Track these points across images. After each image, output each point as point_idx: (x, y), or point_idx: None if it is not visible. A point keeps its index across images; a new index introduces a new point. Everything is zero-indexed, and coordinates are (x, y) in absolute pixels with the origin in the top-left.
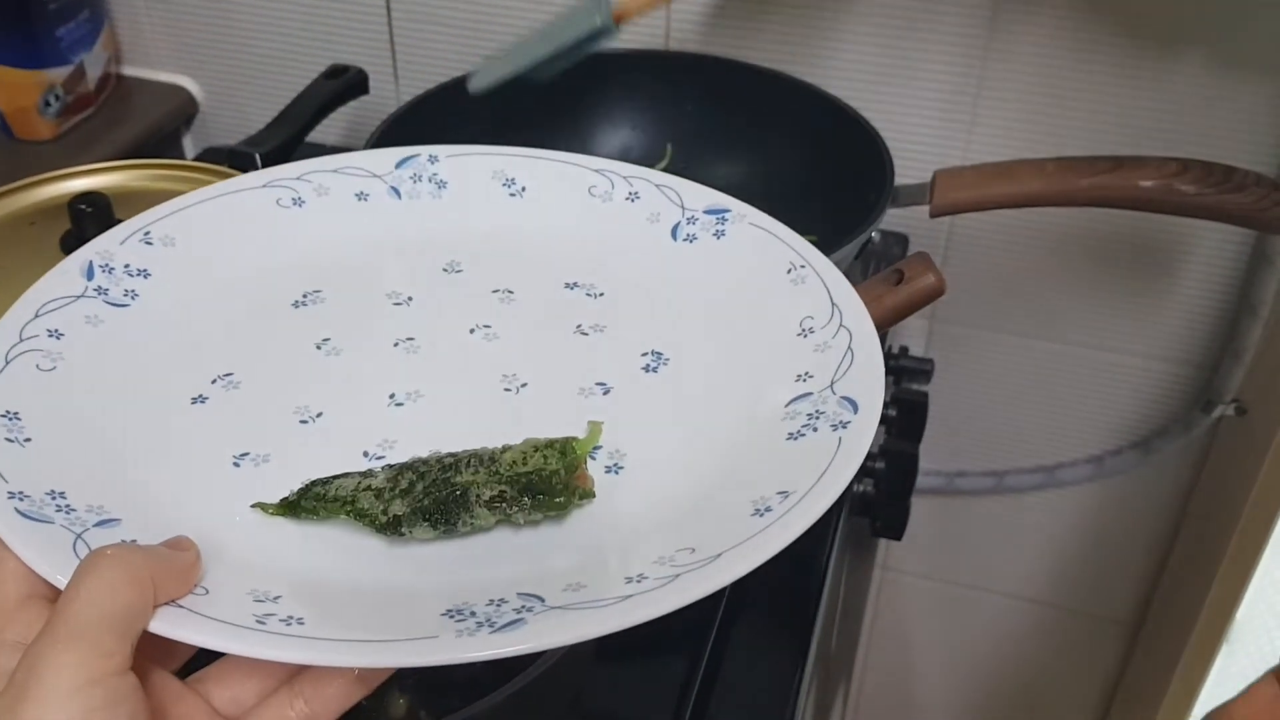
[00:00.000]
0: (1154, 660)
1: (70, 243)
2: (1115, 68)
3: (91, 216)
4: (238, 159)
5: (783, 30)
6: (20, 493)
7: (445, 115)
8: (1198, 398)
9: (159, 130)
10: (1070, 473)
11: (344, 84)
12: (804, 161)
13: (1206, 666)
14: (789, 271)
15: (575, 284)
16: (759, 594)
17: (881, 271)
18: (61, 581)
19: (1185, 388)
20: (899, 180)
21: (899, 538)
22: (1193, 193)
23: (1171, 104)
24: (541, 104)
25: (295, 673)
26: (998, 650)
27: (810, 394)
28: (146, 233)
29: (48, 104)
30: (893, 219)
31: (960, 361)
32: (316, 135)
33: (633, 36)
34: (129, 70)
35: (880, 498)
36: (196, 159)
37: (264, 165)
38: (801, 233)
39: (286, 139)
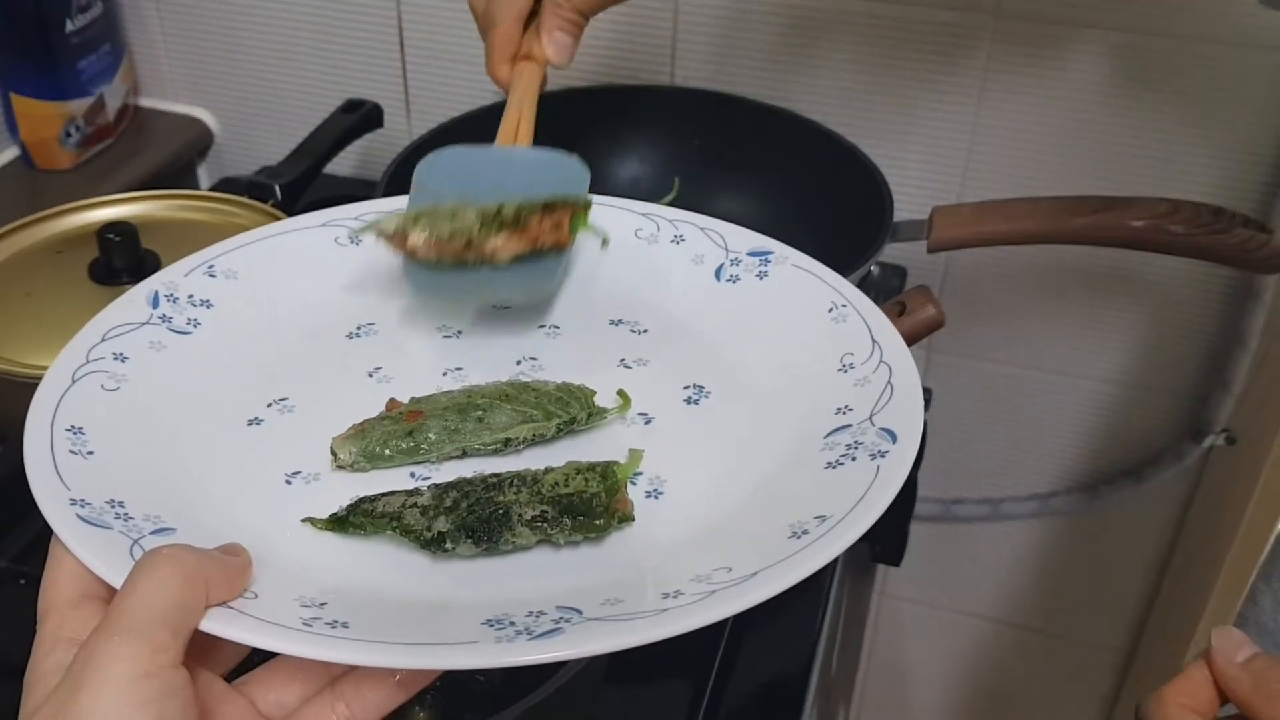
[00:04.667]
0: (1147, 687)
1: (99, 270)
2: (1107, 109)
3: (120, 245)
4: (257, 190)
5: (786, 68)
6: (81, 500)
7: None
8: (1189, 428)
9: (175, 161)
10: (1064, 501)
11: (360, 118)
12: (807, 195)
13: None
14: (830, 310)
15: (620, 321)
16: (763, 617)
17: (884, 304)
18: (118, 582)
19: (1176, 418)
20: (898, 216)
21: (898, 564)
22: (1182, 233)
23: (1162, 145)
24: (551, 138)
25: (337, 677)
26: (993, 676)
27: (850, 425)
28: (210, 265)
29: (68, 135)
30: (891, 252)
31: (957, 391)
32: (331, 167)
33: (640, 72)
34: (146, 102)
35: (879, 523)
36: (212, 189)
37: (283, 196)
38: None
39: (304, 170)
